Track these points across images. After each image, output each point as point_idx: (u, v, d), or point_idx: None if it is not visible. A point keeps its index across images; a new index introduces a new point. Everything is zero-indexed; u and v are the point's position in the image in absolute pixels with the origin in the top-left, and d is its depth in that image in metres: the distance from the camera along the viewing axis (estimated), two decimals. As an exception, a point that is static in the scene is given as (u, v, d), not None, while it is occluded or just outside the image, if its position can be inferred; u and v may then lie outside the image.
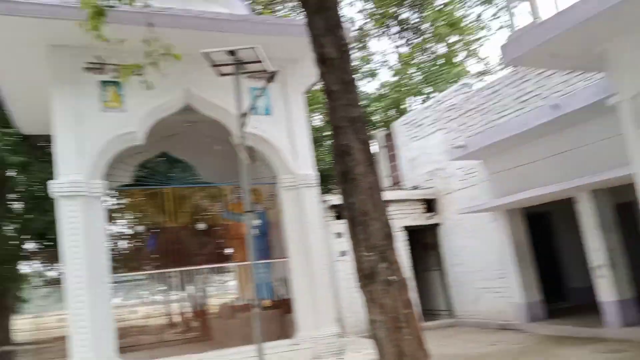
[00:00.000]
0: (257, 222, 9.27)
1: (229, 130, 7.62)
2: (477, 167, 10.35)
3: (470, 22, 20.27)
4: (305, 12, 5.07)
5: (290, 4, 18.94)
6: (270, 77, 6.25)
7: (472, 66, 20.96)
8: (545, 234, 11.31)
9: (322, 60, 4.76)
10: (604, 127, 7.46)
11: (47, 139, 13.17)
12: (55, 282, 17.45)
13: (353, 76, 4.83)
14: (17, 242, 14.94)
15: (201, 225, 11.26)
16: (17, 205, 14.59)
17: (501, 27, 20.84)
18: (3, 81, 7.89)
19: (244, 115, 5.85)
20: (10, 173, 12.50)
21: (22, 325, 19.74)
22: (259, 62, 5.76)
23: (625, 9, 4.86)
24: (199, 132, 8.56)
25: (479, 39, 20.51)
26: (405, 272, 4.43)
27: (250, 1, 19.36)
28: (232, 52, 5.71)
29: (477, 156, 9.75)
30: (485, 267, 10.41)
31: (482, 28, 20.37)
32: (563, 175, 8.17)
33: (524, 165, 9.04)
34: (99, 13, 5.27)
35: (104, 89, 7.00)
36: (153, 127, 7.46)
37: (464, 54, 20.70)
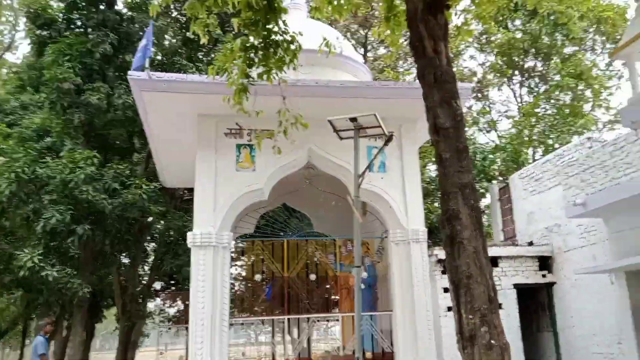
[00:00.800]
0: (365, 274, 9.87)
1: (345, 187, 8.50)
2: (598, 226, 10.16)
3: (598, 70, 19.78)
4: (422, 84, 5.59)
5: (411, 59, 19.93)
6: (388, 139, 7.00)
7: (601, 116, 20.27)
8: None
9: (436, 130, 5.27)
10: None
11: (183, 191, 15.22)
12: (176, 319, 19.31)
13: (465, 144, 5.29)
14: (148, 282, 17.03)
15: (312, 276, 12.10)
16: (152, 249, 16.73)
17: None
18: (154, 142, 9.61)
19: (360, 175, 6.65)
20: (149, 220, 14.49)
21: (144, 359, 21.83)
22: (377, 127, 6.57)
23: None
24: (317, 188, 9.54)
25: (608, 87, 19.85)
26: (506, 336, 4.58)
27: (373, 59, 20.80)
28: (353, 119, 6.61)
29: (598, 214, 9.62)
30: (602, 331, 10.00)
31: (611, 77, 19.73)
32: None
33: (649, 226, 8.79)
34: (243, 90, 6.44)
35: (239, 151, 8.32)
36: (277, 183, 8.59)
37: (591, 103, 20.10)
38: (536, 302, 11.92)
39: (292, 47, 6.30)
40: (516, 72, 21.19)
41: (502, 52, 20.31)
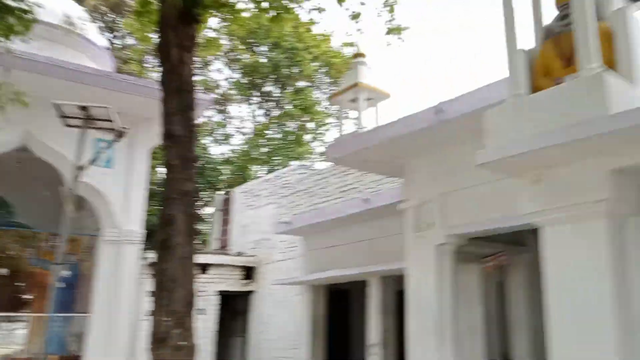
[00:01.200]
0: (67, 272, 9.42)
1: (62, 177, 8.06)
2: (298, 243, 11.87)
3: (321, 107, 22.96)
4: (163, 90, 5.68)
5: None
6: (119, 134, 6.91)
7: (317, 148, 23.46)
8: (343, 310, 12.91)
9: (169, 136, 5.46)
10: (398, 224, 9.38)
11: None
12: None
13: (194, 154, 5.65)
14: None
15: (2, 270, 10.97)
16: None
17: (347, 117, 23.85)
18: None
19: (80, 167, 6.47)
20: None
21: None
22: (110, 120, 6.49)
23: (418, 136, 6.28)
24: (28, 173, 8.76)
25: (326, 124, 23.23)
26: (202, 339, 5.11)
27: (121, 47, 19.71)
28: (83, 108, 6.39)
29: (299, 233, 11.27)
30: (284, 336, 11.67)
31: (329, 115, 23.15)
32: (363, 260, 9.88)
33: (334, 247, 10.73)
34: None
35: None
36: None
37: (312, 135, 23.18)
38: (237, 309, 13.14)
39: (27, 16, 5.83)
40: (256, 93, 23.05)
41: (247, 72, 21.94)
